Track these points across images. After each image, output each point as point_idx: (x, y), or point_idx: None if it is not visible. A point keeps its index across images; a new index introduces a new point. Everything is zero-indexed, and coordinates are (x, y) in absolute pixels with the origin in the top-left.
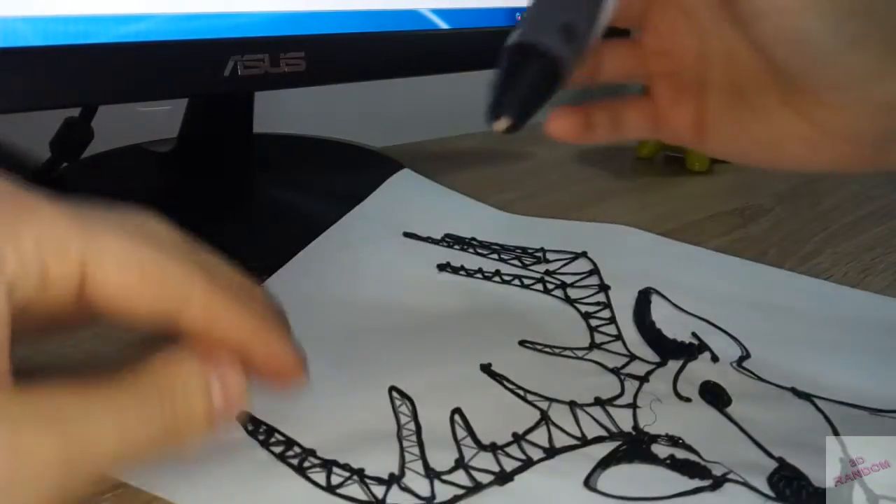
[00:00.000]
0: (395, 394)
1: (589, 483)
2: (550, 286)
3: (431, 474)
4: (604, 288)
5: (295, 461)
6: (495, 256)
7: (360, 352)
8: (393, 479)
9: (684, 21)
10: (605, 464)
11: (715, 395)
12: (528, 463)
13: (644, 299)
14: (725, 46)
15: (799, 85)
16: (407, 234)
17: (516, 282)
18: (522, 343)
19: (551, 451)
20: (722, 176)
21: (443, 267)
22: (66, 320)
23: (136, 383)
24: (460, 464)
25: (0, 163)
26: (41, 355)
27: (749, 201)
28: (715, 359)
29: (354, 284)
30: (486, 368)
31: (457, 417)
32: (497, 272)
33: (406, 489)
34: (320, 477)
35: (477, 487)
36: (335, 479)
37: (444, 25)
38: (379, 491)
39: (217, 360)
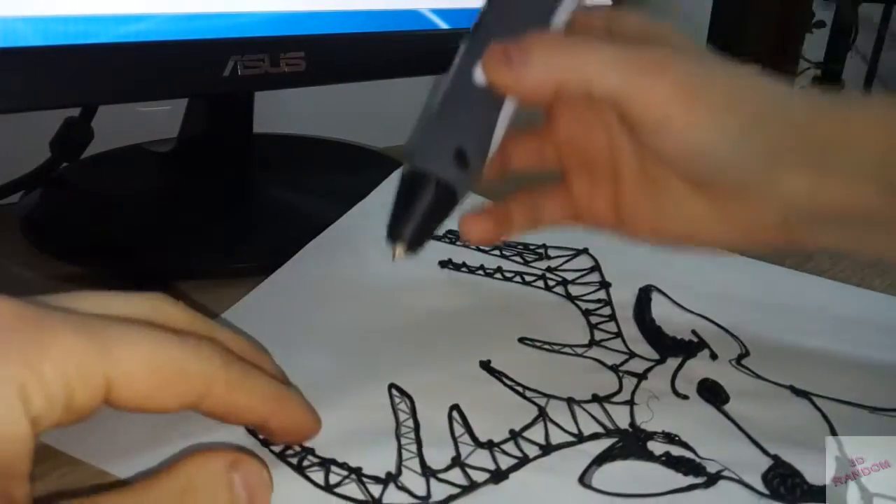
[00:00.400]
0: (394, 391)
1: (584, 480)
2: (552, 283)
3: (428, 472)
4: (605, 285)
5: (294, 460)
6: (497, 252)
7: (361, 349)
8: (390, 478)
9: (593, 116)
10: (600, 461)
11: (713, 393)
12: (523, 460)
13: (644, 297)
14: (633, 143)
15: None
16: None
17: (518, 279)
18: (522, 340)
19: (547, 448)
20: None
21: (444, 263)
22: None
23: (159, 485)
24: (457, 462)
25: None
26: None
27: None
28: (714, 356)
29: (356, 281)
30: (486, 365)
31: (455, 414)
32: (499, 269)
33: (402, 488)
34: (319, 476)
35: (472, 486)
36: (333, 479)
37: (444, 25)
38: (376, 490)
39: (239, 456)
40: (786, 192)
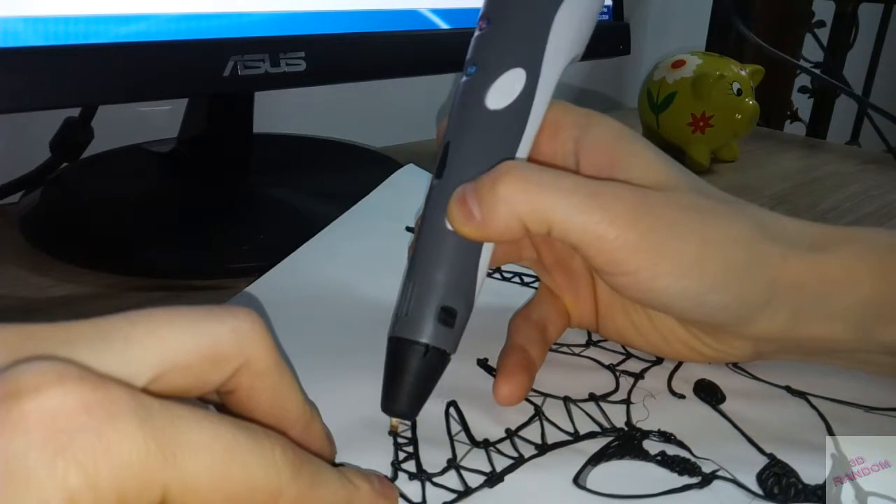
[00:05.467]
0: None
1: (578, 481)
2: None
3: (423, 476)
4: None
5: None
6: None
7: (359, 345)
8: None
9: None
10: (595, 460)
11: (709, 393)
12: (519, 461)
13: None
14: None
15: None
16: (409, 229)
17: (516, 279)
18: None
19: (543, 448)
20: (722, 176)
21: None
22: None
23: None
24: (452, 464)
25: None
26: None
27: (749, 201)
28: None
29: (354, 277)
30: (483, 363)
31: (452, 411)
32: (497, 268)
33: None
34: None
35: (466, 492)
36: None
37: (444, 25)
38: None
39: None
40: (759, 331)
